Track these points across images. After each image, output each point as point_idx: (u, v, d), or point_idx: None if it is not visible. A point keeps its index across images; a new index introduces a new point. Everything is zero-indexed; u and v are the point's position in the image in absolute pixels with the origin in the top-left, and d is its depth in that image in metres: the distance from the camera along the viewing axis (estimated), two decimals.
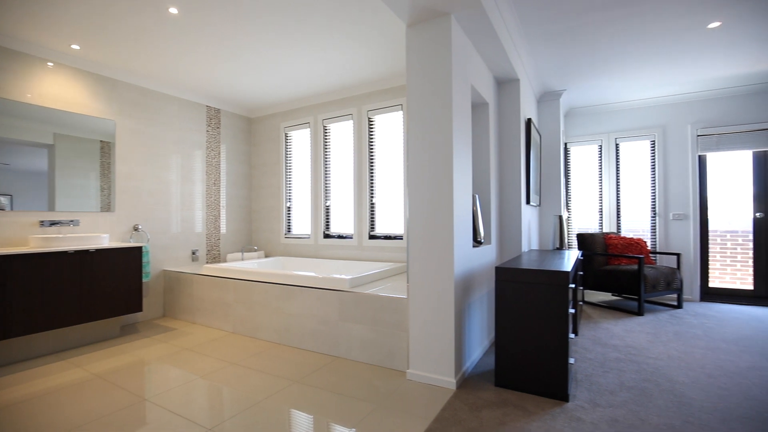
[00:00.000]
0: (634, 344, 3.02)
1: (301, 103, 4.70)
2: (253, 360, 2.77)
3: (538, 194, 4.10)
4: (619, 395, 2.17)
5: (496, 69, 3.14)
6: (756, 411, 1.99)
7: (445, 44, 2.30)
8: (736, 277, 4.57)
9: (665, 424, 1.87)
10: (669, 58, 3.57)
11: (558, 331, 2.09)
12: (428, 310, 2.35)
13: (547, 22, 2.92)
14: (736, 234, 4.56)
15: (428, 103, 2.35)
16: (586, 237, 4.46)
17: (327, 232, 4.56)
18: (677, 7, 2.72)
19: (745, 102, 4.39)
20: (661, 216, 4.71)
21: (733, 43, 3.28)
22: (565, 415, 1.96)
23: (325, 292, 2.87)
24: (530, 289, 2.16)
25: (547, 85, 4.24)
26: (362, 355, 2.69)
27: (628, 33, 3.09)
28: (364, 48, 3.28)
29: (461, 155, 2.44)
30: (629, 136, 4.90)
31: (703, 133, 4.56)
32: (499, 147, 3.41)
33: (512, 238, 3.32)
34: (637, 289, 3.87)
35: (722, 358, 2.73)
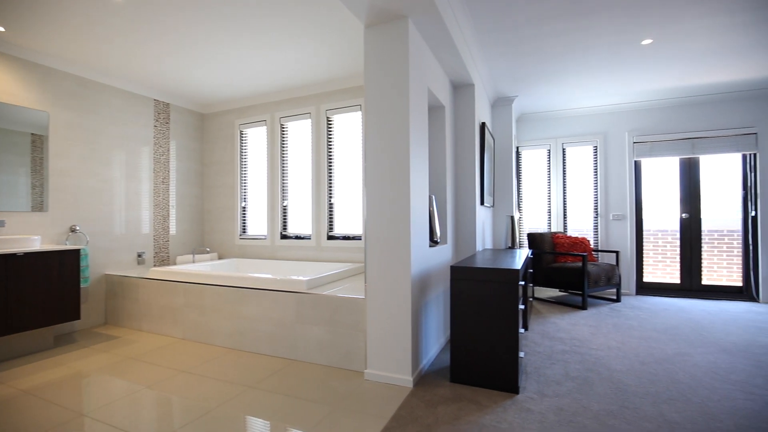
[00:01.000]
0: (578, 337, 3.23)
1: (257, 100, 4.57)
2: (206, 367, 2.65)
3: (491, 195, 4.26)
4: (565, 385, 2.31)
5: (452, 73, 3.23)
6: (680, 392, 2.19)
7: (403, 47, 2.33)
8: (666, 272, 5.01)
9: (604, 410, 2.02)
10: (608, 70, 3.84)
11: (509, 326, 2.19)
12: (386, 309, 2.37)
13: (500, 31, 3.04)
14: (666, 233, 5.00)
15: (386, 104, 2.37)
16: (536, 236, 4.70)
17: (284, 233, 4.46)
18: (614, 24, 2.94)
19: (674, 113, 4.83)
20: (603, 216, 5.07)
21: (664, 59, 3.59)
22: (515, 406, 2.05)
23: (282, 294, 2.81)
24: (483, 286, 2.25)
25: (501, 90, 4.42)
26: (320, 357, 2.66)
27: (571, 45, 3.29)
28: (323, 47, 3.24)
29: (418, 156, 2.48)
30: (575, 141, 5.23)
31: (638, 141, 4.95)
32: (455, 149, 3.51)
33: (467, 237, 3.43)
34: (581, 285, 4.14)
35: (653, 346, 2.98)
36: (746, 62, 3.68)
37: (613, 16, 2.82)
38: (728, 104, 4.62)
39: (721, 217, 4.81)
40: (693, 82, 4.21)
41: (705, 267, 4.86)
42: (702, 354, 2.80)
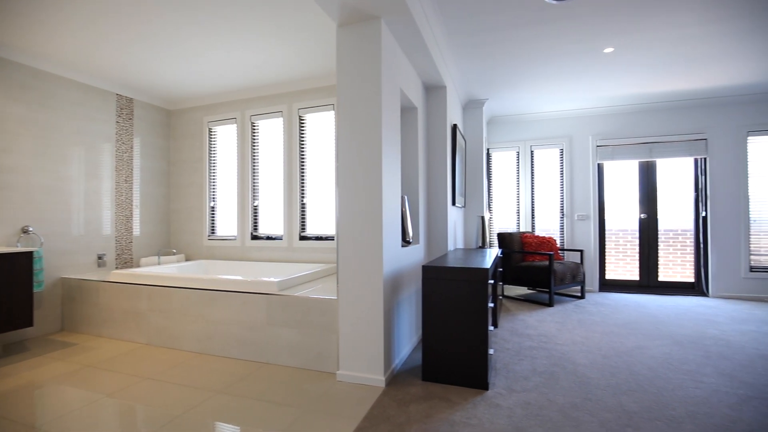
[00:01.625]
0: (545, 333, 3.34)
1: (227, 97, 4.45)
2: (172, 372, 2.56)
3: (463, 196, 4.34)
4: (532, 380, 2.38)
5: (424, 75, 3.27)
6: (638, 384, 2.31)
7: (375, 47, 2.33)
8: (626, 269, 5.26)
9: (568, 402, 2.10)
10: (573, 76, 4.00)
11: (479, 324, 2.24)
12: (358, 310, 2.37)
13: (471, 35, 3.10)
14: (627, 232, 5.26)
15: (358, 104, 2.37)
16: (506, 236, 4.83)
17: (255, 234, 4.37)
18: (578, 32, 3.06)
19: (634, 119, 5.08)
20: (568, 216, 5.27)
21: (625, 67, 3.77)
22: (485, 402, 2.10)
23: (252, 296, 2.75)
24: (454, 285, 2.29)
25: (472, 93, 4.51)
26: (291, 360, 2.63)
27: (538, 51, 3.40)
28: (296, 44, 3.20)
29: (390, 157, 2.50)
30: (542, 144, 5.40)
31: (601, 144, 5.18)
32: (428, 150, 3.55)
33: (439, 237, 3.48)
34: (548, 282, 4.28)
35: (614, 340, 3.12)
36: (698, 72, 3.93)
37: (577, 24, 2.93)
38: (682, 112, 4.91)
39: (675, 217, 5.11)
40: (651, 89, 4.45)
41: (661, 264, 5.14)
42: (658, 347, 2.97)
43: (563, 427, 1.85)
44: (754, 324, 3.55)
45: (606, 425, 1.86)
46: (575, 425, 1.86)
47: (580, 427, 1.85)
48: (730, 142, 4.75)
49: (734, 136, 4.74)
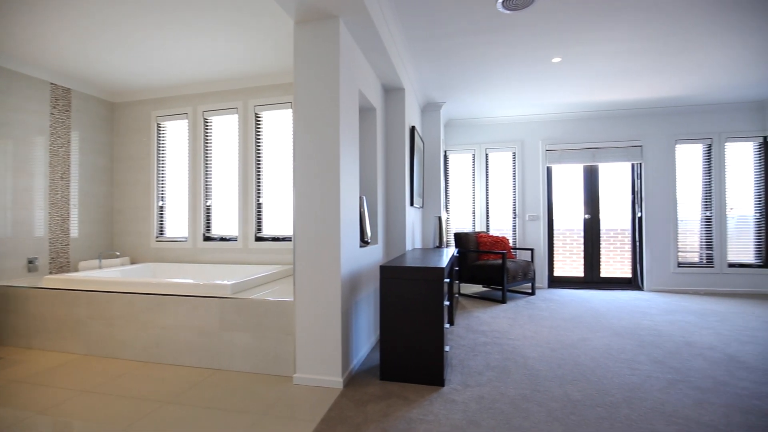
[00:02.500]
0: (498, 329, 3.47)
1: (178, 91, 4.23)
2: (114, 384, 2.39)
3: (421, 197, 4.42)
4: (486, 375, 2.47)
5: (383, 77, 3.29)
6: (581, 374, 2.47)
7: (333, 46, 2.32)
8: (572, 266, 5.60)
9: (519, 394, 2.20)
10: (523, 83, 4.20)
11: (435, 322, 2.29)
12: (315, 311, 2.34)
13: (429, 39, 3.17)
14: (573, 231, 5.60)
15: (316, 103, 2.35)
16: (462, 236, 4.97)
17: (208, 235, 4.19)
18: (529, 41, 3.22)
19: (580, 125, 5.42)
20: (520, 217, 5.52)
21: (571, 76, 4.01)
22: (441, 398, 2.15)
23: (204, 299, 2.63)
24: (411, 285, 2.32)
25: (430, 96, 4.60)
26: (246, 365, 2.55)
27: (492, 58, 3.54)
28: (253, 39, 3.11)
29: (349, 157, 2.49)
30: (496, 147, 5.62)
31: (550, 149, 5.48)
32: (386, 151, 3.58)
33: (397, 237, 3.52)
34: (501, 280, 4.46)
35: (561, 333, 3.31)
36: (635, 84, 4.26)
37: (528, 33, 3.08)
38: (621, 120, 5.31)
39: (615, 217, 5.51)
40: (594, 98, 4.76)
41: (603, 261, 5.53)
42: (599, 338, 3.18)
43: (514, 418, 1.93)
44: (681, 314, 3.91)
45: (552, 414, 1.97)
46: (525, 416, 1.96)
47: (529, 417, 1.95)
48: (661, 149, 5.20)
49: (665, 144, 5.19)
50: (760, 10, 2.75)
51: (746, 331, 3.35)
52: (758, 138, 5.02)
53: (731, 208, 5.09)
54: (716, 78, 4.09)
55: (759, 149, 5.04)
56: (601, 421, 1.90)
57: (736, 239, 5.08)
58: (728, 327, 3.47)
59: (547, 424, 1.88)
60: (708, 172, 5.14)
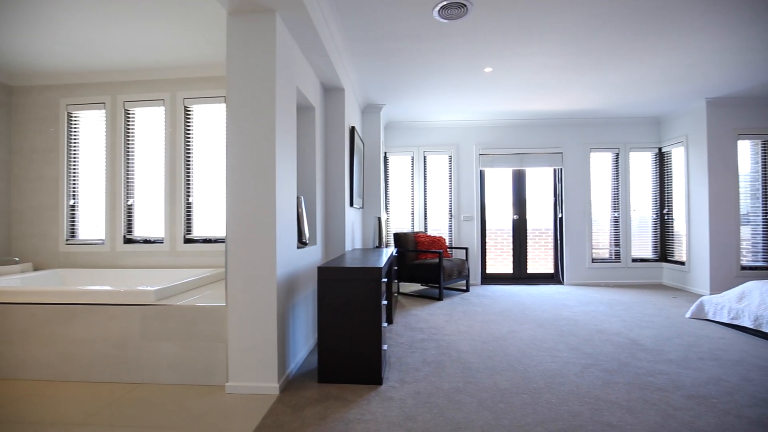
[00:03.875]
0: (435, 325, 3.60)
1: (93, 78, 3.82)
2: (10, 409, 2.10)
3: (361, 197, 4.44)
4: (422, 371, 2.55)
5: (322, 76, 3.25)
6: (509, 364, 2.64)
7: (270, 41, 2.25)
8: (503, 264, 5.98)
9: (453, 387, 2.30)
10: (459, 90, 4.40)
11: (373, 321, 2.31)
12: (249, 316, 2.25)
13: (369, 41, 3.20)
14: (503, 231, 5.97)
15: (250, 98, 2.26)
16: (401, 236, 5.08)
17: (129, 237, 3.84)
18: (463, 50, 3.38)
19: (509, 132, 5.80)
20: (456, 217, 5.77)
21: (501, 86, 4.28)
22: (379, 397, 2.18)
23: (123, 308, 2.41)
24: (349, 285, 2.33)
25: (370, 98, 4.64)
26: (172, 377, 2.37)
27: (430, 64, 3.66)
28: (184, 27, 2.90)
29: (285, 156, 2.43)
30: (434, 150, 5.82)
31: (483, 153, 5.80)
32: (325, 151, 3.54)
33: (337, 238, 3.50)
34: (438, 278, 4.63)
35: (492, 327, 3.52)
36: (557, 96, 4.66)
37: (463, 43, 3.24)
38: (545, 128, 5.77)
39: (540, 218, 5.98)
40: (522, 107, 5.13)
41: (530, 258, 5.97)
42: (525, 330, 3.43)
43: (448, 410, 2.02)
44: (594, 305, 4.35)
45: (483, 404, 2.09)
46: (458, 407, 2.05)
47: (462, 408, 2.04)
48: (578, 156, 5.74)
49: (581, 152, 5.74)
50: (658, 38, 3.15)
51: (645, 317, 3.82)
52: (655, 149, 5.75)
53: (634, 209, 5.78)
54: (623, 95, 4.62)
55: (655, 159, 5.77)
56: (526, 407, 2.05)
57: (638, 237, 5.77)
58: (631, 315, 3.92)
59: (478, 414, 1.98)
60: (616, 178, 5.78)
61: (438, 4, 2.65)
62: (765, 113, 4.85)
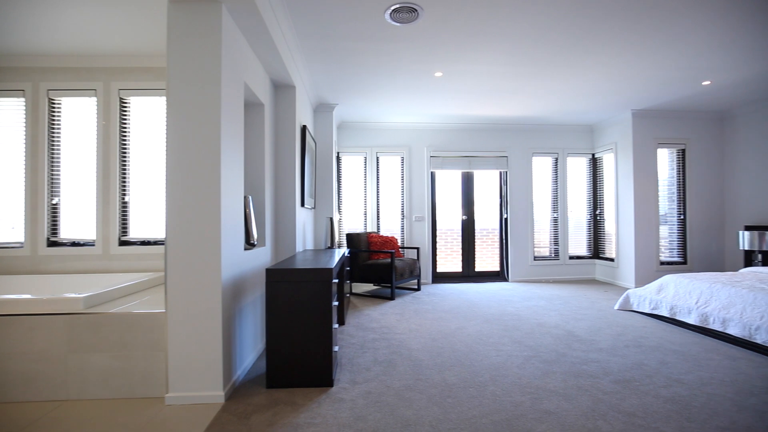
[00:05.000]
0: (387, 325, 3.63)
1: (9, 61, 3.42)
2: None
3: (313, 197, 4.38)
4: (373, 370, 2.56)
5: (272, 72, 3.17)
6: (457, 359, 2.74)
7: (215, 32, 2.15)
8: (453, 263, 6.17)
9: (403, 385, 2.33)
10: (410, 92, 4.48)
11: (323, 323, 2.29)
12: (191, 321, 2.13)
13: (321, 39, 3.16)
14: (453, 231, 6.16)
15: (193, 93, 2.14)
16: (353, 236, 5.07)
17: (54, 239, 3.48)
18: (414, 54, 3.44)
19: (459, 135, 6.00)
20: (407, 217, 5.87)
21: (451, 91, 4.42)
22: (329, 399, 2.16)
23: (45, 318, 2.18)
24: (298, 287, 2.28)
25: (323, 97, 4.59)
26: (105, 391, 2.19)
27: (383, 65, 3.69)
28: (118, 9, 2.68)
29: (231, 153, 2.34)
30: (387, 151, 5.88)
31: (434, 155, 5.94)
32: (275, 150, 3.45)
33: (287, 239, 3.42)
34: (390, 278, 4.68)
35: (442, 324, 3.62)
36: (503, 103, 4.89)
37: (414, 46, 3.30)
38: (491, 133, 6.04)
39: (487, 218, 6.25)
40: (471, 112, 5.33)
41: (478, 257, 6.21)
42: (473, 326, 3.57)
43: (398, 408, 2.05)
44: (536, 300, 4.62)
45: (432, 399, 2.15)
46: (408, 405, 2.09)
47: (412, 405, 2.08)
48: (521, 160, 6.07)
49: (524, 156, 6.08)
50: (591, 53, 3.41)
51: (580, 310, 4.12)
52: (589, 155, 6.23)
53: (571, 211, 6.22)
54: (561, 104, 4.95)
55: (589, 164, 6.25)
56: (472, 400, 2.13)
57: (574, 236, 6.22)
58: (568, 308, 4.22)
59: (427, 410, 2.03)
60: (555, 181, 6.19)
61: (390, 7, 2.68)
62: (680, 125, 5.43)
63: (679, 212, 5.50)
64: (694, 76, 4.02)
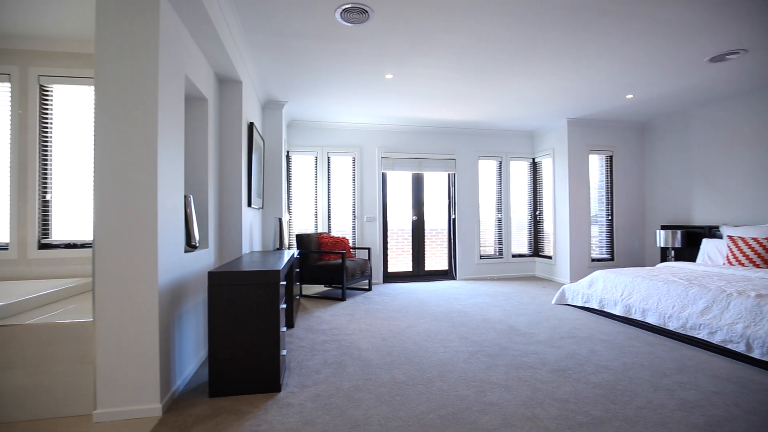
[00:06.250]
0: (337, 326, 3.61)
1: None
2: None
3: (260, 197, 4.24)
4: (323, 372, 2.53)
5: (217, 66, 3.02)
6: (407, 358, 2.78)
7: (152, 18, 2.01)
8: (403, 262, 6.26)
9: (353, 386, 2.33)
10: (361, 93, 4.49)
11: (270, 327, 2.23)
12: (124, 330, 1.98)
13: (269, 35, 3.06)
14: (404, 231, 6.26)
15: (126, 84, 1.99)
16: (304, 237, 4.98)
17: None
18: (365, 55, 3.46)
19: (409, 137, 6.10)
20: (359, 218, 5.87)
21: (401, 93, 4.48)
22: (277, 404, 2.10)
23: None
24: (244, 290, 2.20)
25: (272, 94, 4.46)
26: (20, 412, 1.96)
27: (333, 65, 3.66)
28: None
29: (170, 149, 2.20)
30: (338, 151, 5.84)
31: (385, 156, 6.00)
32: (220, 147, 3.30)
33: (233, 240, 3.29)
34: (341, 279, 4.65)
35: (392, 323, 3.66)
36: (451, 107, 5.05)
37: (365, 47, 3.31)
38: (441, 136, 6.22)
39: (436, 219, 6.42)
40: (421, 115, 5.44)
41: (427, 257, 6.36)
42: (422, 324, 3.65)
43: (347, 410, 2.04)
44: (481, 297, 4.82)
45: (381, 398, 2.16)
46: (357, 405, 2.09)
47: (361, 405, 2.09)
48: (468, 162, 6.31)
49: (471, 159, 6.33)
50: (531, 63, 3.63)
51: (521, 306, 4.37)
52: (530, 159, 6.62)
53: (514, 211, 6.57)
54: (505, 110, 5.21)
55: (530, 167, 6.64)
56: (420, 396, 2.18)
57: (517, 236, 6.57)
58: (511, 304, 4.45)
59: (376, 409, 2.05)
60: (499, 183, 6.50)
61: (340, 7, 2.67)
62: (609, 133, 5.94)
63: (607, 213, 6.01)
64: (619, 89, 4.41)
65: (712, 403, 2.09)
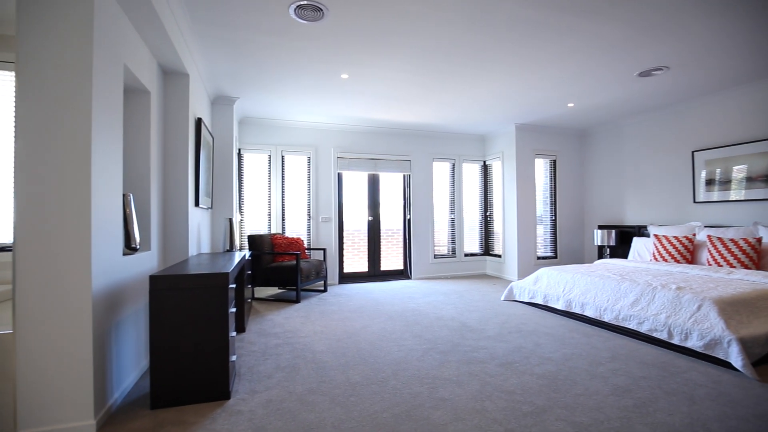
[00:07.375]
0: (291, 329, 3.53)
1: None
2: None
3: (209, 197, 4.05)
4: (275, 377, 2.47)
5: (161, 57, 2.85)
6: (362, 358, 2.78)
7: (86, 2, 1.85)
8: (359, 263, 6.26)
9: (307, 389, 2.29)
10: (316, 92, 4.43)
11: (218, 332, 2.13)
12: (50, 342, 1.80)
13: (218, 27, 2.94)
14: (359, 231, 6.26)
15: (54, 70, 1.81)
16: (256, 238, 4.83)
17: None
18: (320, 53, 3.41)
19: (365, 137, 6.11)
20: (314, 218, 5.79)
21: (356, 93, 4.48)
22: (225, 413, 2.02)
23: None
24: (189, 295, 2.09)
25: (222, 89, 4.27)
26: None
27: (287, 62, 3.58)
28: None
29: (106, 144, 2.04)
30: (292, 150, 5.72)
31: (341, 156, 5.96)
32: (165, 143, 3.11)
33: (178, 242, 3.11)
34: (295, 280, 4.56)
35: (348, 324, 3.65)
36: (406, 109, 5.12)
37: (320, 46, 3.27)
38: (396, 137, 6.29)
39: (392, 219, 6.48)
40: (377, 116, 5.47)
41: (383, 257, 6.40)
42: (377, 324, 3.67)
43: (300, 414, 2.00)
44: (435, 296, 4.94)
45: (336, 400, 2.15)
46: (311, 408, 2.06)
47: (314, 408, 2.06)
48: (423, 164, 6.44)
49: (426, 161, 6.46)
50: (480, 71, 3.77)
51: (472, 303, 4.52)
52: (481, 161, 6.88)
53: (466, 212, 6.79)
54: (457, 114, 5.37)
55: (482, 170, 6.91)
56: (374, 396, 2.19)
57: (469, 235, 6.80)
58: (463, 301, 4.59)
59: (330, 411, 2.03)
60: (452, 185, 6.70)
61: (294, 3, 2.62)
62: (553, 139, 6.32)
63: (551, 214, 6.39)
64: (561, 98, 4.71)
65: (640, 387, 2.29)
